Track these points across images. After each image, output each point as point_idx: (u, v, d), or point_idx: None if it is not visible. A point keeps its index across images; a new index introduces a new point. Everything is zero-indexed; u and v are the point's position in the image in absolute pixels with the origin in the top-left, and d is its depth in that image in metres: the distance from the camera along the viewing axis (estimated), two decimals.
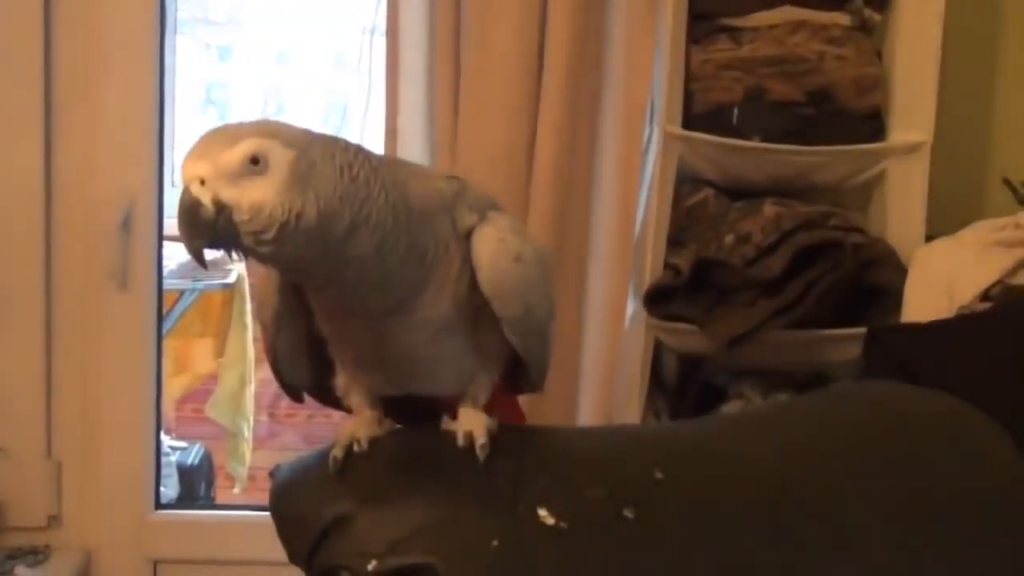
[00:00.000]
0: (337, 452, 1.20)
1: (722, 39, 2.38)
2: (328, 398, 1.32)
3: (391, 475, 1.19)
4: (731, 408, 2.33)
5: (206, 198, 1.02)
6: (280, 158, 1.04)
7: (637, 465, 1.25)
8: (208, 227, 1.03)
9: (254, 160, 1.03)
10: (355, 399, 1.26)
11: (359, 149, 1.11)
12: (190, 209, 1.02)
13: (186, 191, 1.03)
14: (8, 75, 2.57)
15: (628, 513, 1.17)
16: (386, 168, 1.11)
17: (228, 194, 1.02)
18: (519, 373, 1.30)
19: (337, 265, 1.07)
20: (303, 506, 1.21)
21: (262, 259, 1.07)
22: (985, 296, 2.09)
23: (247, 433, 4.03)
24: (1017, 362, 1.82)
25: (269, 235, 1.03)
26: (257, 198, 1.02)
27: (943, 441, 1.43)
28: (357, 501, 1.16)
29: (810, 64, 2.35)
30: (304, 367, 1.29)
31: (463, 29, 2.40)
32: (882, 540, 1.27)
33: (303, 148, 1.05)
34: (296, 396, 1.34)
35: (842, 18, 2.40)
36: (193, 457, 3.91)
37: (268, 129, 1.05)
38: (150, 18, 2.60)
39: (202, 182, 1.02)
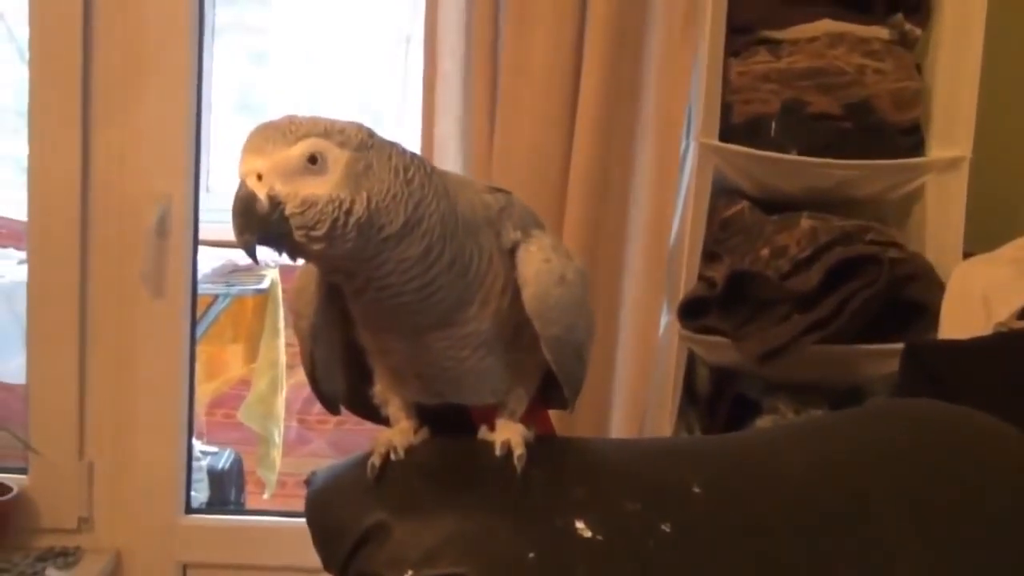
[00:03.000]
0: (375, 460, 1.19)
1: (761, 51, 2.38)
2: (362, 409, 1.32)
3: (428, 484, 1.19)
4: (764, 422, 2.32)
5: (262, 193, 1.03)
6: (338, 158, 1.05)
7: (675, 479, 1.24)
8: (262, 222, 1.03)
9: (312, 159, 1.04)
10: (392, 408, 1.26)
11: (415, 155, 1.11)
12: (245, 203, 1.03)
13: (242, 185, 1.04)
14: (47, 79, 2.59)
15: (665, 527, 1.16)
16: (438, 177, 1.12)
17: (283, 189, 1.03)
18: (550, 389, 1.30)
19: (383, 268, 1.08)
20: (339, 514, 1.20)
21: (311, 257, 1.08)
22: (1022, 314, 2.07)
23: (278, 439, 4.03)
24: None
25: (320, 231, 1.03)
26: (311, 193, 1.03)
27: (979, 460, 1.42)
28: (393, 510, 1.15)
29: (849, 77, 2.34)
30: (340, 375, 1.29)
31: (500, 38, 2.40)
32: (919, 558, 1.26)
33: (361, 149, 1.06)
34: (332, 407, 1.34)
35: (882, 32, 2.39)
36: (224, 462, 3.91)
37: (326, 128, 1.05)
38: (188, 22, 2.61)
39: (259, 177, 1.03)
